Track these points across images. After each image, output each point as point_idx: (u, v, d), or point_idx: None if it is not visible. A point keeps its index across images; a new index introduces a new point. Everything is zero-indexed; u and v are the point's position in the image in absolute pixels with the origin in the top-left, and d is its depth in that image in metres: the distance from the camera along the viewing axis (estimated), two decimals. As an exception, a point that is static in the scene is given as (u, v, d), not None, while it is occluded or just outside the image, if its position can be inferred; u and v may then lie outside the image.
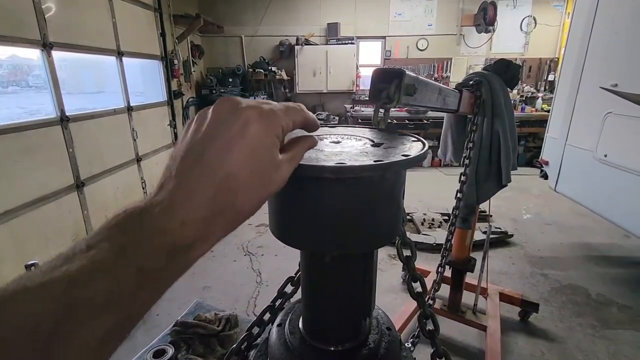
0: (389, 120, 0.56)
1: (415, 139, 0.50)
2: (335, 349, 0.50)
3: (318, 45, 6.45)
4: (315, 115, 0.38)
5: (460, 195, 1.60)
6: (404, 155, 0.40)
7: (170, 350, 1.06)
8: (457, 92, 1.25)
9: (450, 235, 1.70)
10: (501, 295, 2.31)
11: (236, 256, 3.15)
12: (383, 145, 0.47)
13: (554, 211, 4.12)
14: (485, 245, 1.98)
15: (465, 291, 2.12)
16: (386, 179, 0.40)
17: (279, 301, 0.69)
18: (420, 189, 4.87)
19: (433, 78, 6.55)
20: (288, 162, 0.33)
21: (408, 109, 5.61)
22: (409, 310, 2.11)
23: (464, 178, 1.57)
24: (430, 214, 3.82)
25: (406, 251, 0.53)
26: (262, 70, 6.35)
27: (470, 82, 1.53)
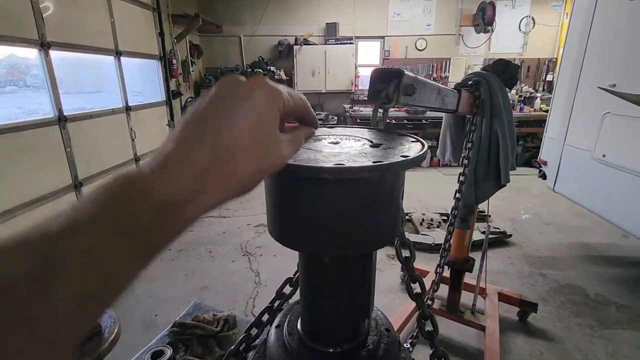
0: (387, 120, 0.56)
1: (414, 140, 0.50)
2: (333, 350, 0.50)
3: (317, 45, 6.45)
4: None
5: (459, 195, 1.59)
6: (403, 156, 0.40)
7: (168, 352, 1.06)
8: (456, 92, 1.25)
9: (449, 235, 1.70)
10: (500, 295, 2.31)
11: (235, 256, 3.14)
12: (382, 145, 0.46)
13: (553, 211, 4.13)
14: (484, 245, 1.98)
15: (463, 291, 2.11)
16: (385, 180, 0.40)
17: (277, 302, 0.69)
18: (419, 188, 4.88)
19: (432, 78, 6.56)
20: (288, 143, 0.33)
21: (407, 109, 5.62)
22: (408, 311, 2.11)
23: (462, 178, 1.57)
24: (429, 214, 3.83)
25: (405, 252, 0.53)
26: (261, 70, 6.34)
27: (469, 82, 1.53)
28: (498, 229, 3.40)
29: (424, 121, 5.73)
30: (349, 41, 6.36)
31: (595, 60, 2.71)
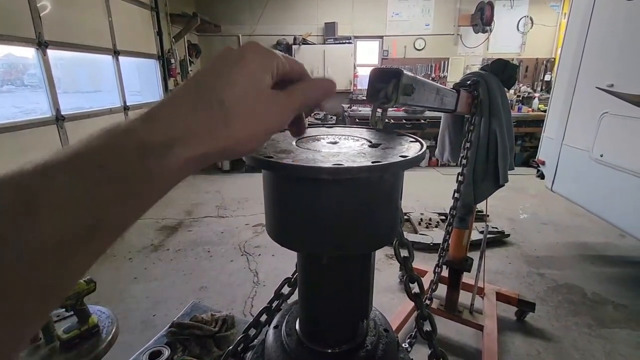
0: (386, 120, 0.56)
1: (413, 140, 0.50)
2: (332, 351, 0.50)
3: (315, 44, 6.45)
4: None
5: (458, 195, 1.60)
6: (402, 156, 0.40)
7: (166, 352, 1.06)
8: (455, 92, 1.25)
9: (448, 235, 1.70)
10: (498, 295, 2.32)
11: (233, 256, 3.14)
12: (381, 145, 0.46)
13: (551, 211, 4.14)
14: (482, 245, 1.98)
15: (462, 291, 2.12)
16: (384, 180, 0.40)
17: (275, 302, 0.68)
18: (418, 188, 4.88)
19: (430, 78, 6.56)
20: (286, 98, 0.32)
21: (405, 108, 5.62)
22: (406, 310, 2.12)
23: (461, 178, 1.57)
24: (428, 214, 3.83)
25: (404, 252, 0.53)
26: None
27: (468, 82, 1.53)
28: (496, 228, 3.41)
29: (423, 121, 5.74)
30: (347, 41, 6.36)
31: (593, 60, 2.72)
